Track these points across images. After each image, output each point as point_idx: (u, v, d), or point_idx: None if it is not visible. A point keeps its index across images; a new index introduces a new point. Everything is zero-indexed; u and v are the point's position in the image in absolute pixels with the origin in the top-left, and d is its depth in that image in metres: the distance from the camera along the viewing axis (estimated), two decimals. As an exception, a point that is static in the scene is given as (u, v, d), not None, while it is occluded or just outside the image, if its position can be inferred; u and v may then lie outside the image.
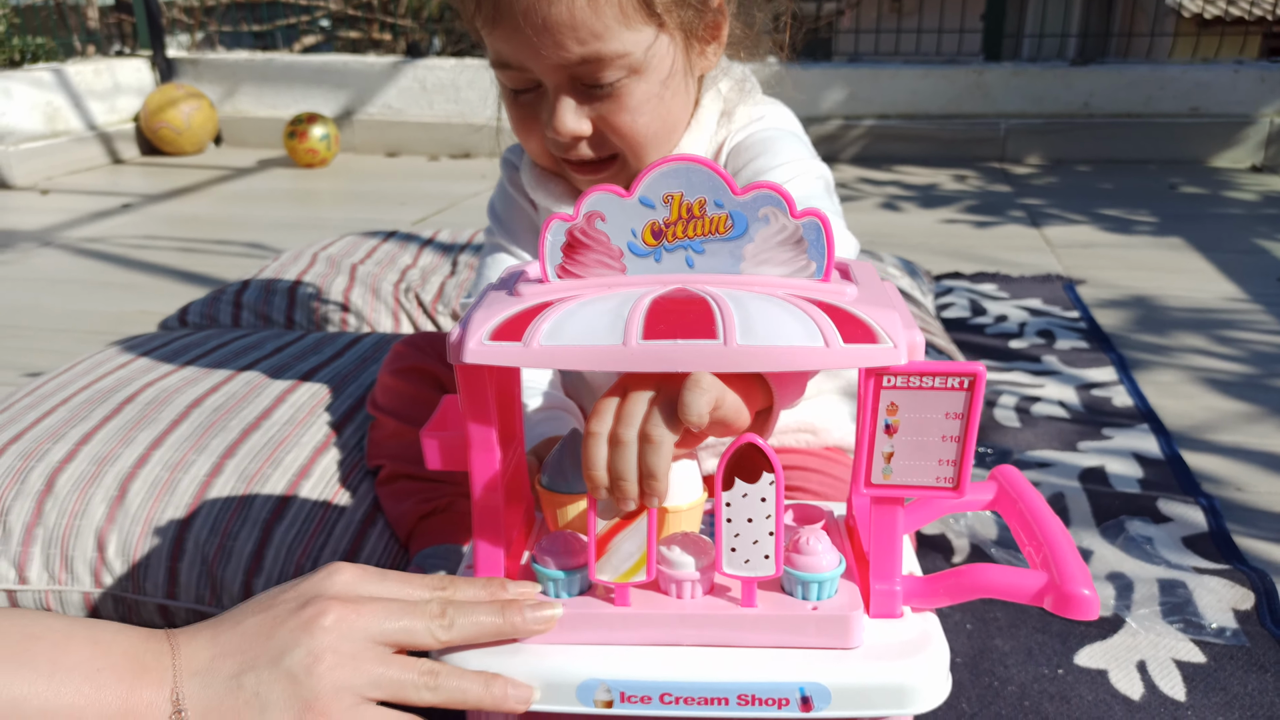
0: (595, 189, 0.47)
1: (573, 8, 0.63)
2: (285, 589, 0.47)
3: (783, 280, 0.48)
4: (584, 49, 0.65)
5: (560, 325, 0.46)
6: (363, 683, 0.43)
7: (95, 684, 0.42)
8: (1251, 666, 0.74)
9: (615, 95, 0.68)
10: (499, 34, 0.66)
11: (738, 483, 0.46)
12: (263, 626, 0.44)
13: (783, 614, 0.49)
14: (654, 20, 0.66)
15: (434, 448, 0.52)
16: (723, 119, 0.77)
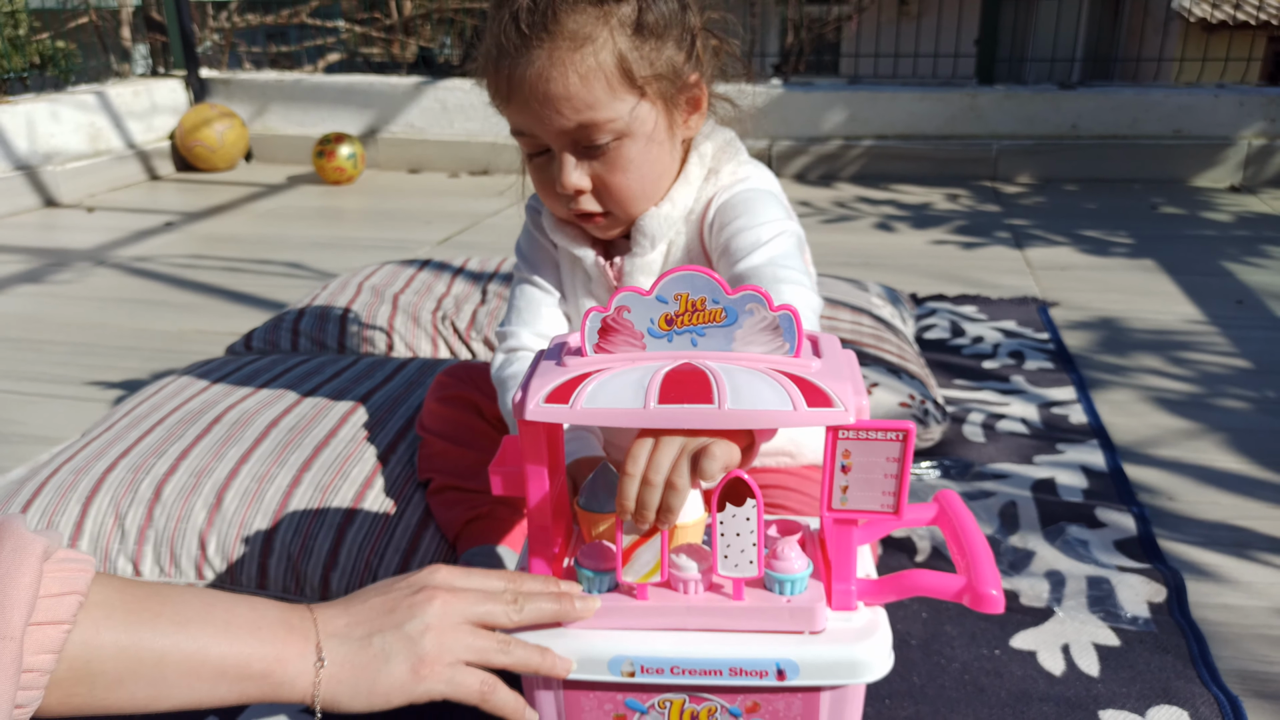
0: (621, 290, 0.63)
1: (567, 83, 0.78)
2: (399, 580, 0.63)
3: (763, 357, 0.64)
4: (579, 116, 0.79)
5: (596, 392, 0.62)
6: (459, 648, 0.60)
7: (258, 639, 0.57)
8: (1156, 649, 0.90)
9: (609, 155, 0.82)
10: (513, 107, 0.82)
11: (728, 506, 0.62)
12: (385, 604, 0.61)
13: (764, 605, 0.65)
14: (636, 90, 0.80)
15: (498, 480, 0.68)
16: (710, 176, 0.91)
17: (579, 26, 0.78)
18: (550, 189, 0.86)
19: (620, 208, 0.86)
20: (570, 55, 0.78)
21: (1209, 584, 1.01)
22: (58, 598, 0.49)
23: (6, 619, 0.45)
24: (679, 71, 0.83)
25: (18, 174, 2.84)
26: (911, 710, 0.83)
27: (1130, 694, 0.84)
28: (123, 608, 0.53)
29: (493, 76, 0.83)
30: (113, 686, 0.52)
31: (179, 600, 0.56)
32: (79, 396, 1.54)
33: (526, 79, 0.79)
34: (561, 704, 0.67)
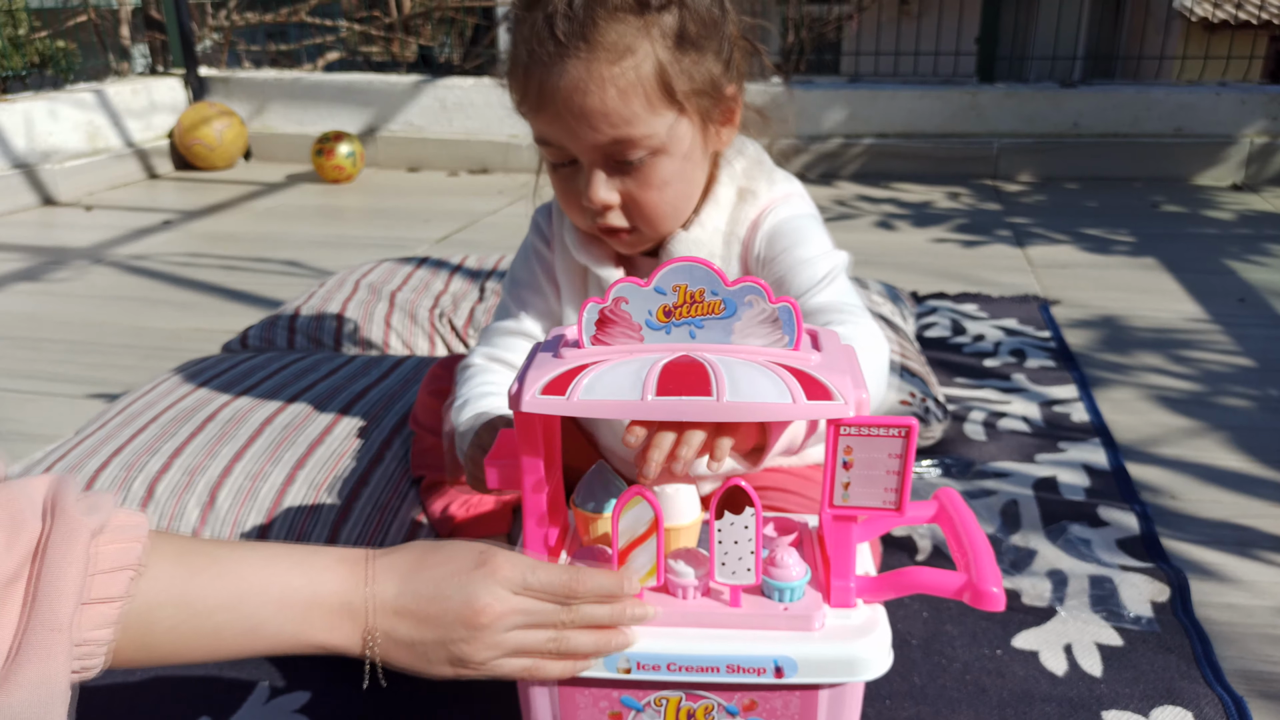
0: (619, 281, 0.62)
1: (605, 98, 0.74)
2: (459, 566, 0.59)
3: (763, 350, 0.63)
4: (615, 132, 0.75)
5: (594, 384, 0.61)
6: (508, 646, 0.60)
7: (310, 620, 0.57)
8: (1160, 649, 0.89)
9: (642, 171, 0.78)
10: (543, 118, 0.77)
11: (726, 514, 0.61)
12: (438, 606, 0.58)
13: (760, 613, 0.64)
14: (675, 106, 0.76)
15: (494, 473, 0.67)
16: (745, 196, 0.86)
17: (620, 37, 0.73)
18: (575, 201, 0.82)
19: (649, 225, 0.82)
20: (609, 68, 0.73)
21: (1212, 583, 1.00)
22: (111, 574, 0.49)
23: (55, 612, 0.46)
24: (718, 84, 0.79)
25: (16, 172, 2.83)
26: (912, 710, 0.82)
27: (1134, 694, 0.83)
28: (177, 581, 0.53)
29: (521, 83, 0.78)
30: (170, 654, 0.54)
31: (235, 573, 0.56)
32: (76, 395, 1.53)
33: (561, 90, 0.74)
34: (556, 701, 0.66)
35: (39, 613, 0.46)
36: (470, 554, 0.61)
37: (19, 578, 0.46)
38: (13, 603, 0.46)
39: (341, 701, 0.85)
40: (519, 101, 0.80)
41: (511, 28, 0.79)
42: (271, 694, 0.86)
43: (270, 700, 0.85)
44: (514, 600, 0.59)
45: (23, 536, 0.47)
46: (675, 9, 0.75)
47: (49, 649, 0.45)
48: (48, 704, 0.45)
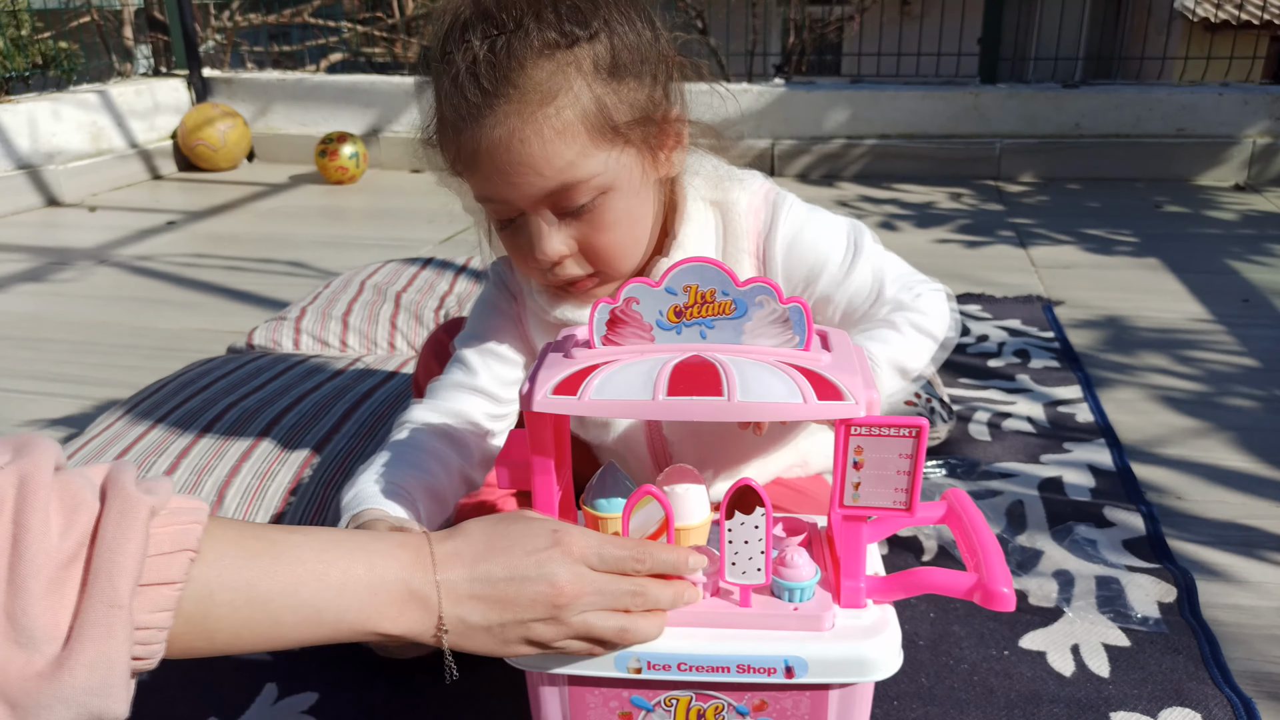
0: (630, 281, 0.62)
1: (543, 143, 0.68)
2: (527, 549, 0.58)
3: (773, 350, 0.63)
4: (559, 178, 0.70)
5: (605, 383, 0.61)
6: (578, 628, 0.59)
7: (375, 605, 0.56)
8: (1167, 649, 0.89)
9: (592, 214, 0.73)
10: (479, 176, 0.72)
11: (737, 514, 0.61)
12: (510, 587, 0.57)
13: (770, 613, 0.64)
14: (618, 140, 0.71)
15: (504, 473, 0.67)
16: (726, 208, 0.82)
17: (549, 76, 0.68)
18: (528, 257, 0.76)
19: (610, 266, 0.77)
20: (542, 111, 0.68)
21: (1219, 584, 1.00)
22: (169, 556, 0.48)
23: (115, 587, 0.45)
24: (659, 108, 0.74)
25: (20, 173, 2.84)
26: (920, 711, 0.82)
27: (1142, 695, 0.83)
28: (235, 565, 0.52)
29: (451, 143, 0.72)
30: (231, 641, 0.52)
31: (293, 555, 0.54)
32: (81, 395, 1.53)
33: (494, 142, 0.69)
34: (566, 701, 0.66)
35: (97, 590, 0.44)
36: (542, 532, 0.59)
37: (77, 559, 0.45)
38: (71, 585, 0.44)
39: (349, 702, 0.85)
40: (452, 162, 0.74)
41: (431, 82, 0.73)
42: (279, 695, 0.86)
43: (278, 701, 0.85)
44: (591, 578, 0.59)
45: (81, 518, 0.46)
46: (604, 36, 0.70)
47: (108, 627, 0.44)
48: (107, 686, 0.44)
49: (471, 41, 0.68)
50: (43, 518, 0.45)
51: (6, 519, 0.44)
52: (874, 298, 0.85)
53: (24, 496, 0.45)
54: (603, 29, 0.70)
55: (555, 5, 0.69)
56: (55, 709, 0.43)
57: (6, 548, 0.44)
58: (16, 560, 0.43)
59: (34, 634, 0.43)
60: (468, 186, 0.76)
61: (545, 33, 0.68)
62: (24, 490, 0.45)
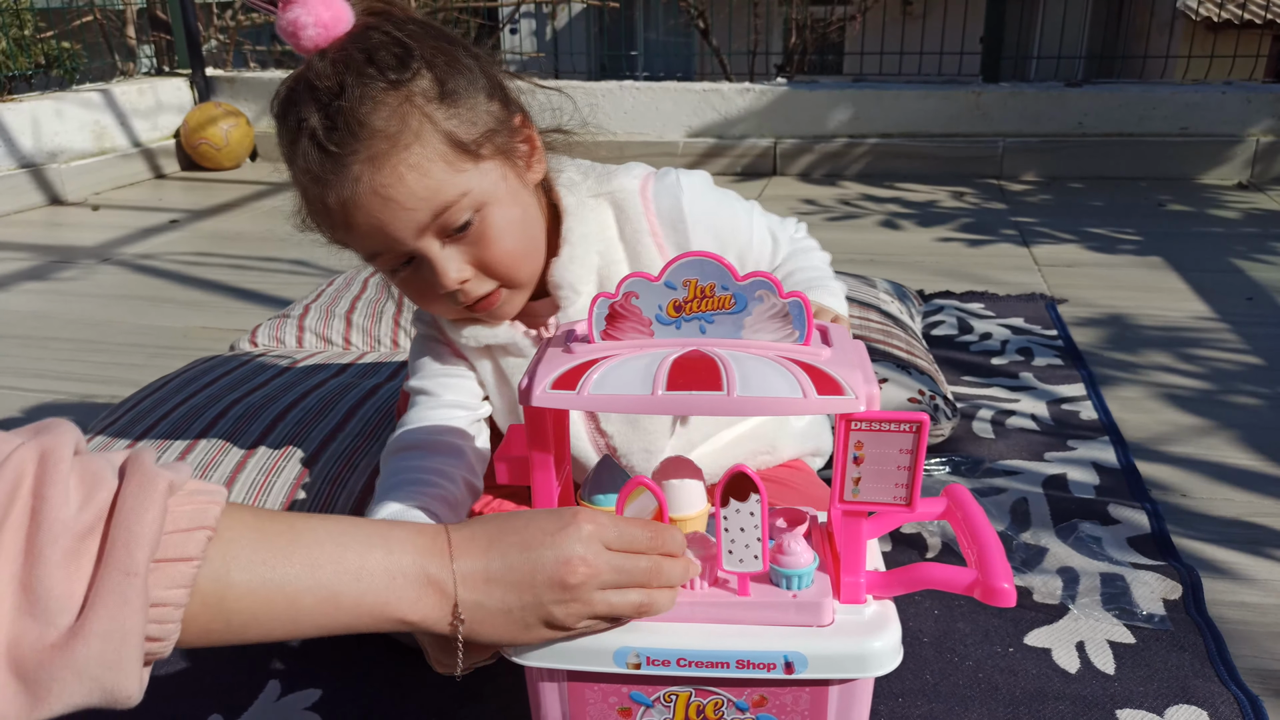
0: (631, 275, 0.62)
1: (405, 183, 0.71)
2: (540, 531, 0.58)
3: (773, 344, 0.63)
4: (431, 205, 0.72)
5: (604, 378, 0.61)
6: (597, 608, 0.59)
7: (392, 590, 0.55)
8: (1173, 647, 0.89)
9: (477, 230, 0.74)
10: (358, 234, 0.74)
11: (732, 501, 0.61)
12: (526, 567, 0.57)
13: (769, 600, 0.64)
14: (475, 157, 0.74)
15: (503, 468, 0.67)
16: (604, 196, 0.84)
17: (389, 119, 0.70)
18: (432, 295, 0.78)
19: (511, 275, 0.79)
20: (393, 154, 0.70)
21: (1224, 581, 1.00)
22: (186, 533, 0.48)
23: (131, 555, 0.44)
24: (502, 119, 0.76)
25: (23, 172, 2.84)
26: (925, 708, 0.82)
27: (1148, 693, 0.83)
28: (253, 545, 0.52)
29: (323, 218, 0.75)
30: (248, 624, 0.52)
31: (311, 538, 0.54)
32: (84, 393, 1.53)
33: (360, 199, 0.71)
34: (565, 696, 0.65)
35: (113, 560, 0.44)
36: (552, 517, 0.60)
37: (94, 531, 0.45)
38: (88, 556, 0.44)
39: (352, 699, 0.85)
40: (330, 234, 0.77)
41: (288, 168, 0.75)
42: (282, 691, 0.86)
43: (281, 698, 0.85)
44: (606, 556, 0.59)
45: (100, 493, 0.46)
46: (425, 71, 0.72)
47: (123, 595, 0.44)
48: (120, 658, 0.44)
49: (306, 119, 0.70)
50: (62, 490, 0.45)
51: (26, 491, 0.44)
52: (774, 245, 0.93)
53: (45, 470, 0.45)
54: (422, 66, 0.72)
55: (370, 59, 0.71)
56: (67, 681, 0.42)
57: (25, 519, 0.43)
58: (35, 530, 0.43)
59: (49, 605, 0.43)
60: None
61: (370, 84, 0.70)
62: (45, 464, 0.45)
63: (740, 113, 3.19)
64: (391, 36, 0.72)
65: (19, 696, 0.42)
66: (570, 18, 6.35)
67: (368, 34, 0.72)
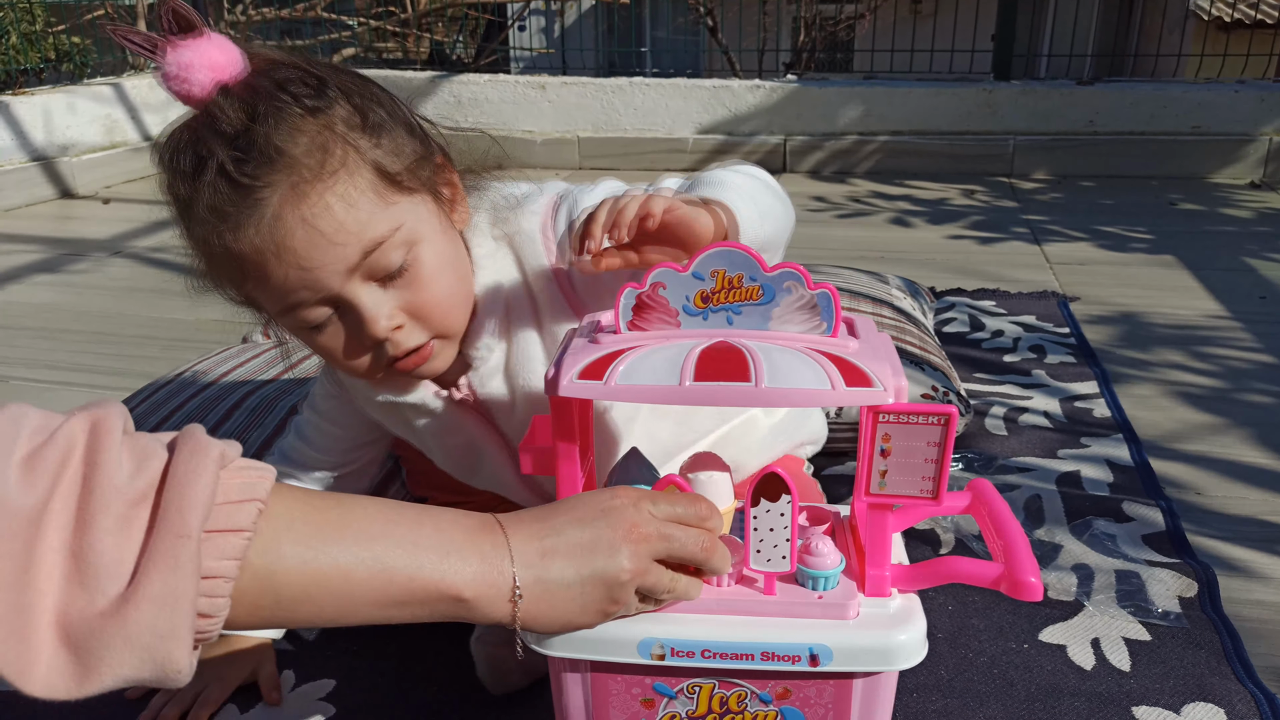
0: (659, 265, 0.62)
1: (332, 212, 0.64)
2: (593, 508, 0.58)
3: (801, 336, 0.63)
4: (361, 241, 0.65)
5: (631, 369, 0.61)
6: (648, 586, 0.59)
7: (447, 562, 0.54)
8: (1189, 644, 0.89)
9: (410, 272, 0.68)
10: (275, 282, 0.65)
11: (762, 501, 0.61)
12: (582, 541, 0.57)
13: (795, 601, 0.64)
14: (404, 190, 0.68)
15: (528, 459, 0.67)
16: (513, 235, 0.77)
17: (310, 145, 0.64)
18: (354, 352, 0.70)
19: (447, 322, 0.72)
20: (319, 182, 0.64)
21: (1239, 579, 0.99)
22: (237, 504, 0.47)
23: (185, 519, 0.44)
24: (425, 154, 0.71)
25: (34, 165, 2.85)
26: (940, 704, 0.82)
27: (1164, 690, 0.83)
28: (304, 519, 0.51)
29: (230, 267, 0.65)
30: (299, 600, 0.50)
31: (362, 514, 0.53)
32: (96, 385, 1.54)
33: (280, 236, 0.63)
34: (589, 687, 0.66)
35: (165, 525, 0.44)
36: (602, 494, 0.59)
37: (146, 499, 0.44)
38: (139, 523, 0.44)
39: (366, 689, 0.85)
40: (237, 288, 0.68)
41: (183, 225, 0.67)
42: (297, 682, 0.86)
43: (296, 688, 0.85)
44: (659, 524, 0.58)
45: (152, 463, 0.46)
46: (343, 100, 0.67)
47: (175, 557, 0.43)
48: (173, 625, 0.43)
49: (211, 154, 0.62)
50: (115, 458, 0.44)
51: (78, 459, 0.44)
52: None
53: (97, 439, 0.45)
54: (339, 95, 0.67)
55: (283, 88, 0.65)
56: (119, 650, 0.42)
57: (78, 486, 0.43)
58: (87, 497, 0.43)
59: (99, 572, 0.42)
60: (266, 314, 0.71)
61: (286, 109, 0.64)
62: (97, 434, 0.45)
63: (750, 110, 3.18)
64: (300, 70, 0.66)
65: (69, 667, 0.41)
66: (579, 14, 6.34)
67: (273, 69, 0.66)
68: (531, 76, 3.39)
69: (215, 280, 0.69)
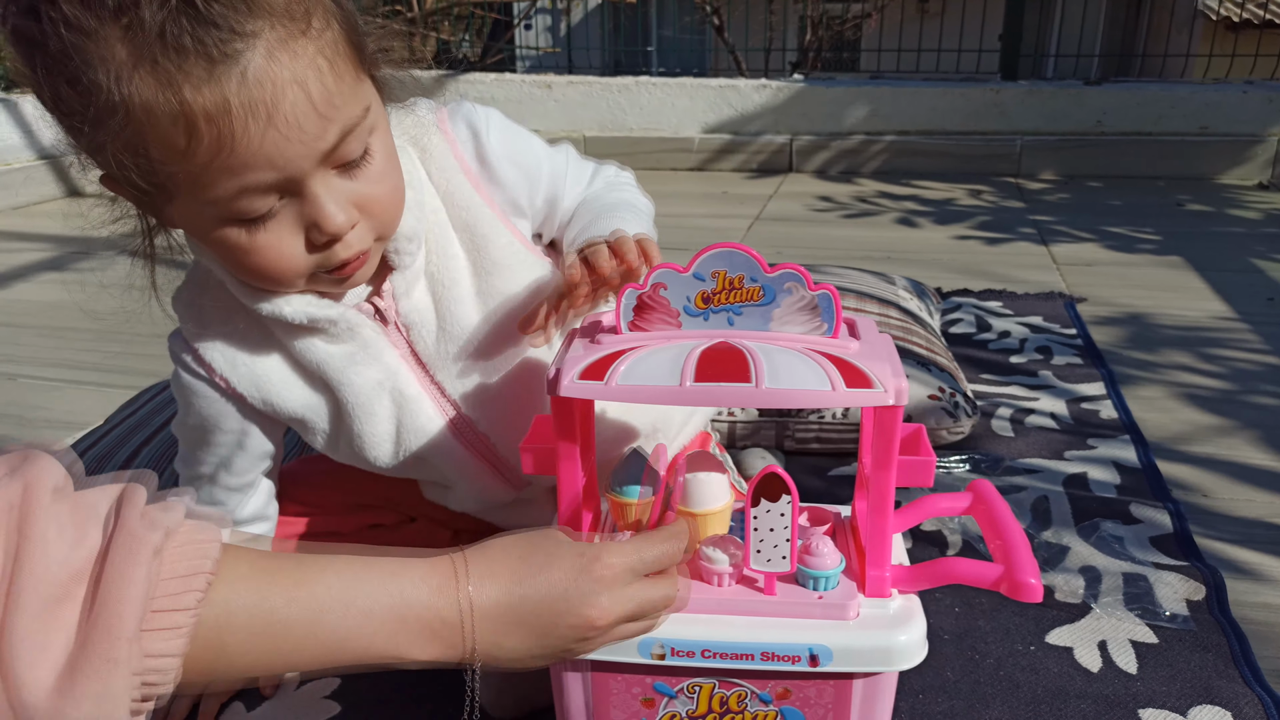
0: (659, 266, 0.62)
1: (322, 79, 0.55)
2: (564, 587, 0.56)
3: (801, 337, 0.63)
4: (341, 120, 0.57)
5: (632, 369, 0.61)
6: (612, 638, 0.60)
7: (399, 640, 0.54)
8: (1196, 647, 0.88)
9: (368, 162, 0.61)
10: (242, 148, 0.53)
11: (763, 501, 0.61)
12: (545, 627, 0.57)
13: (795, 601, 0.64)
14: (366, 66, 0.61)
15: (529, 458, 0.67)
16: (406, 144, 0.71)
17: None
18: (289, 254, 0.61)
19: (391, 225, 0.66)
20: (307, 36, 0.54)
21: (1247, 582, 0.99)
22: (184, 579, 0.46)
23: (122, 620, 0.43)
24: (367, 29, 0.63)
25: (42, 163, 2.86)
26: (945, 705, 0.82)
27: (1170, 693, 0.82)
28: (255, 589, 0.49)
29: (165, 119, 0.52)
30: (250, 665, 0.50)
31: (318, 579, 0.52)
32: (102, 383, 1.54)
33: (267, 94, 0.52)
34: (589, 686, 0.65)
35: (101, 619, 0.43)
36: (574, 555, 0.58)
37: (80, 579, 0.43)
38: (73, 602, 0.43)
39: (372, 687, 0.85)
40: (160, 158, 0.54)
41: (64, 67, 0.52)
42: (302, 680, 0.86)
43: (300, 686, 0.85)
44: (626, 599, 0.58)
45: (85, 543, 0.44)
46: None
47: (112, 658, 0.42)
48: (111, 717, 0.42)
49: None
50: (45, 531, 0.43)
51: (9, 530, 0.43)
52: (589, 176, 0.81)
53: (27, 505, 0.43)
54: None
55: None
56: None
57: (7, 565, 0.42)
58: (16, 574, 0.42)
59: (22, 661, 0.41)
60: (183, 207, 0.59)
61: None
62: (27, 497, 0.43)
63: (756, 109, 3.18)
64: None
65: None
66: (585, 13, 6.34)
67: None
68: (537, 76, 3.39)
69: (137, 160, 0.54)
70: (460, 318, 0.74)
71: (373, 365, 0.73)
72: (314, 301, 0.68)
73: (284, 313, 0.68)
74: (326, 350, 0.72)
